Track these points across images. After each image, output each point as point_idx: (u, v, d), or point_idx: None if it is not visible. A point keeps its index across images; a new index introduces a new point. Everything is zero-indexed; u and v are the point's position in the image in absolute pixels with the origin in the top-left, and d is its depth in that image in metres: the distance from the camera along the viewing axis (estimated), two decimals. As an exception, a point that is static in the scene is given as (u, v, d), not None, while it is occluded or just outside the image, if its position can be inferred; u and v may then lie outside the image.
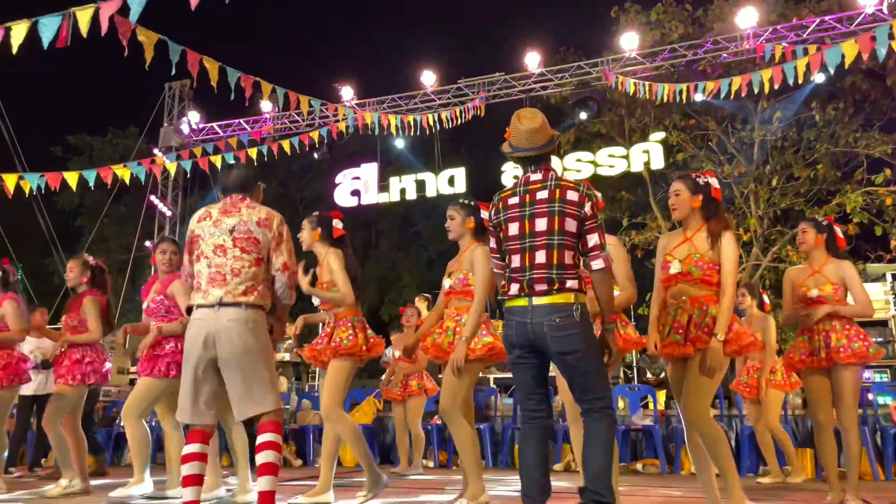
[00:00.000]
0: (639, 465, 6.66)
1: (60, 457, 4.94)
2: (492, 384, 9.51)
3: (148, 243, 14.10)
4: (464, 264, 4.04)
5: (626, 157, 11.48)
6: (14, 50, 4.23)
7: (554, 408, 7.63)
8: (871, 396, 6.86)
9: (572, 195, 2.96)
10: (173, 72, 5.07)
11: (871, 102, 12.33)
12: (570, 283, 2.90)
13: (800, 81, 7.59)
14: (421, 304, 9.85)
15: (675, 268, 3.46)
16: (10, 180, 8.43)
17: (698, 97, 10.85)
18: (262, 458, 3.13)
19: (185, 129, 14.23)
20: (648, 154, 11.36)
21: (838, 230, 4.33)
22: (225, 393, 3.24)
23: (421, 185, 12.61)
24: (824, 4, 11.43)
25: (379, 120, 10.61)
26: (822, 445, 4.22)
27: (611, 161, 11.59)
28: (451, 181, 12.47)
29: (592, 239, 2.97)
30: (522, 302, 2.94)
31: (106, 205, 16.05)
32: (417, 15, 27.41)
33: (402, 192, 12.71)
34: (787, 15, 11.70)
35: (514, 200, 3.05)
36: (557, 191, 2.98)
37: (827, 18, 10.65)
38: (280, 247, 3.34)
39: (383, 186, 12.89)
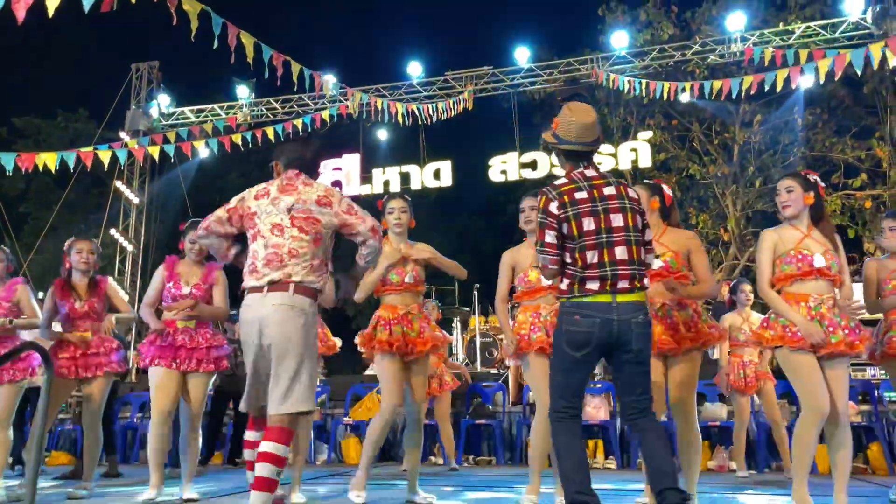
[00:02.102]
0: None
1: (93, 456, 4.65)
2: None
3: (113, 231, 13.43)
4: None
5: (615, 155, 11.53)
6: (50, 14, 3.87)
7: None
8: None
9: (632, 193, 3.03)
10: (215, 45, 4.77)
11: (845, 109, 12.75)
12: (645, 281, 2.97)
13: (821, 82, 7.74)
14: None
15: (820, 261, 3.43)
16: (52, 157, 7.87)
17: (684, 98, 11.02)
18: (259, 469, 2.85)
19: (154, 112, 13.64)
20: (636, 153, 11.44)
21: None
22: None
23: (405, 178, 12.39)
24: (808, 11, 11.73)
25: (389, 108, 10.34)
26: None
27: (598, 158, 11.58)
28: (436, 174, 12.29)
29: (648, 234, 3.05)
30: (605, 298, 2.89)
31: (66, 190, 15.26)
32: (403, 3, 26.87)
33: (386, 184, 12.46)
34: (769, 20, 11.97)
35: (581, 195, 2.96)
36: (621, 188, 3.01)
37: (812, 25, 10.94)
38: (356, 213, 3.21)
39: (366, 178, 12.61)
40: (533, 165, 11.87)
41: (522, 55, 11.88)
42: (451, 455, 6.74)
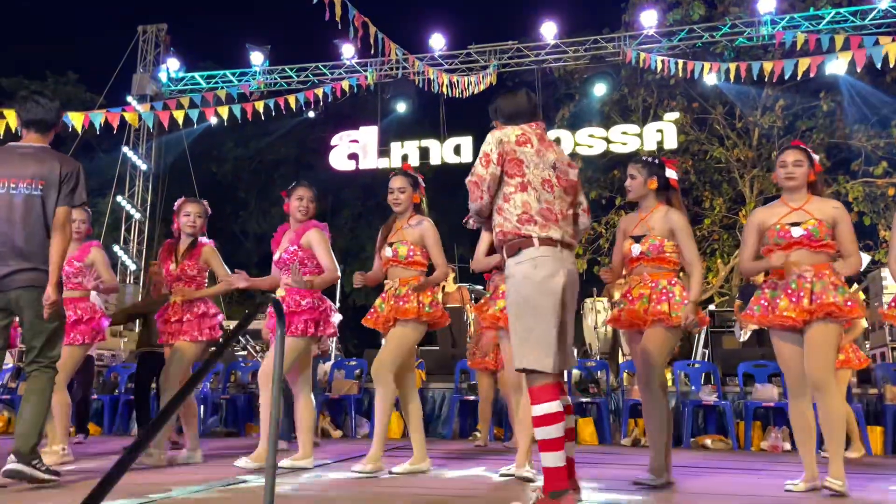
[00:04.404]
0: (707, 441, 6.65)
1: (189, 423, 4.44)
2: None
3: (120, 198, 13.03)
4: (656, 230, 3.71)
5: (640, 135, 11.44)
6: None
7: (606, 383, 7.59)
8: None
9: None
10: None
11: (864, 97, 12.77)
12: None
13: (891, 65, 7.70)
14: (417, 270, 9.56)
15: None
16: (11, 115, 7.53)
17: (711, 79, 10.96)
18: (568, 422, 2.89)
19: (162, 76, 13.21)
20: (662, 133, 11.37)
21: None
22: None
23: (424, 153, 12.17)
24: (836, -5, 11.70)
25: (438, 79, 10.10)
26: None
27: (624, 138, 11.53)
28: (457, 150, 12.10)
29: None
30: None
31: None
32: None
33: (405, 158, 12.21)
34: (796, 4, 11.93)
35: None
36: None
37: (842, 11, 10.92)
38: (580, 189, 3.14)
39: (383, 151, 12.38)
40: (556, 143, 11.73)
41: (548, 31, 11.69)
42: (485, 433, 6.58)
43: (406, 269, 3.99)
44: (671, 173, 3.85)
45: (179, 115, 9.97)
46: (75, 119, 8.18)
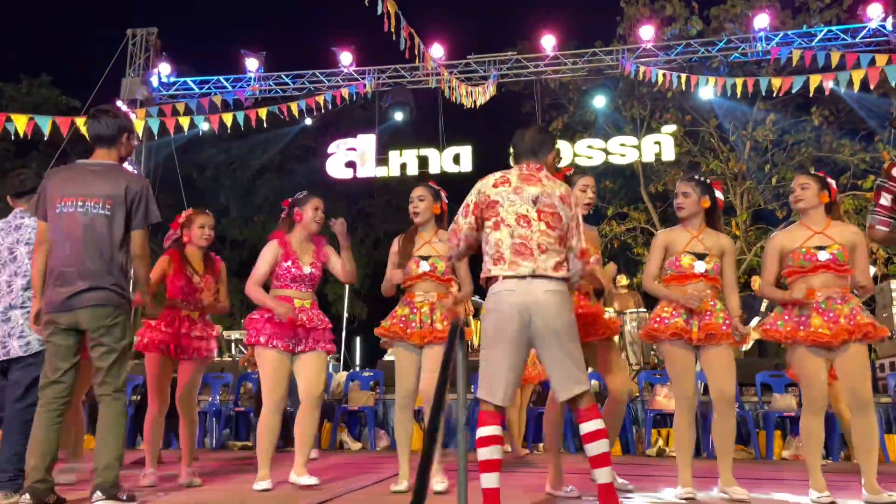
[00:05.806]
0: (730, 451, 6.73)
1: (190, 444, 4.32)
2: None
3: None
4: (714, 250, 3.81)
5: (638, 146, 11.60)
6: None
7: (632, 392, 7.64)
8: None
9: None
10: (379, 11, 4.48)
11: (848, 112, 13.13)
12: None
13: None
14: (451, 287, 9.58)
15: None
16: (20, 121, 7.33)
17: (706, 93, 11.18)
18: (599, 447, 2.89)
19: (154, 81, 12.95)
20: (660, 145, 11.54)
21: None
22: None
23: (424, 161, 12.16)
24: (828, 14, 12.03)
25: (458, 89, 10.10)
26: None
27: (622, 150, 11.68)
28: (456, 159, 12.12)
29: None
30: None
31: (26, 158, 14.38)
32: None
33: (403, 167, 12.23)
34: (786, 22, 12.25)
35: None
36: None
37: (834, 29, 11.25)
38: (577, 228, 3.13)
39: (382, 160, 12.33)
40: (556, 153, 11.83)
41: (548, 43, 11.79)
42: (517, 443, 6.60)
43: (440, 284, 3.98)
44: (720, 195, 4.03)
45: (185, 122, 9.79)
46: (62, 124, 7.94)
